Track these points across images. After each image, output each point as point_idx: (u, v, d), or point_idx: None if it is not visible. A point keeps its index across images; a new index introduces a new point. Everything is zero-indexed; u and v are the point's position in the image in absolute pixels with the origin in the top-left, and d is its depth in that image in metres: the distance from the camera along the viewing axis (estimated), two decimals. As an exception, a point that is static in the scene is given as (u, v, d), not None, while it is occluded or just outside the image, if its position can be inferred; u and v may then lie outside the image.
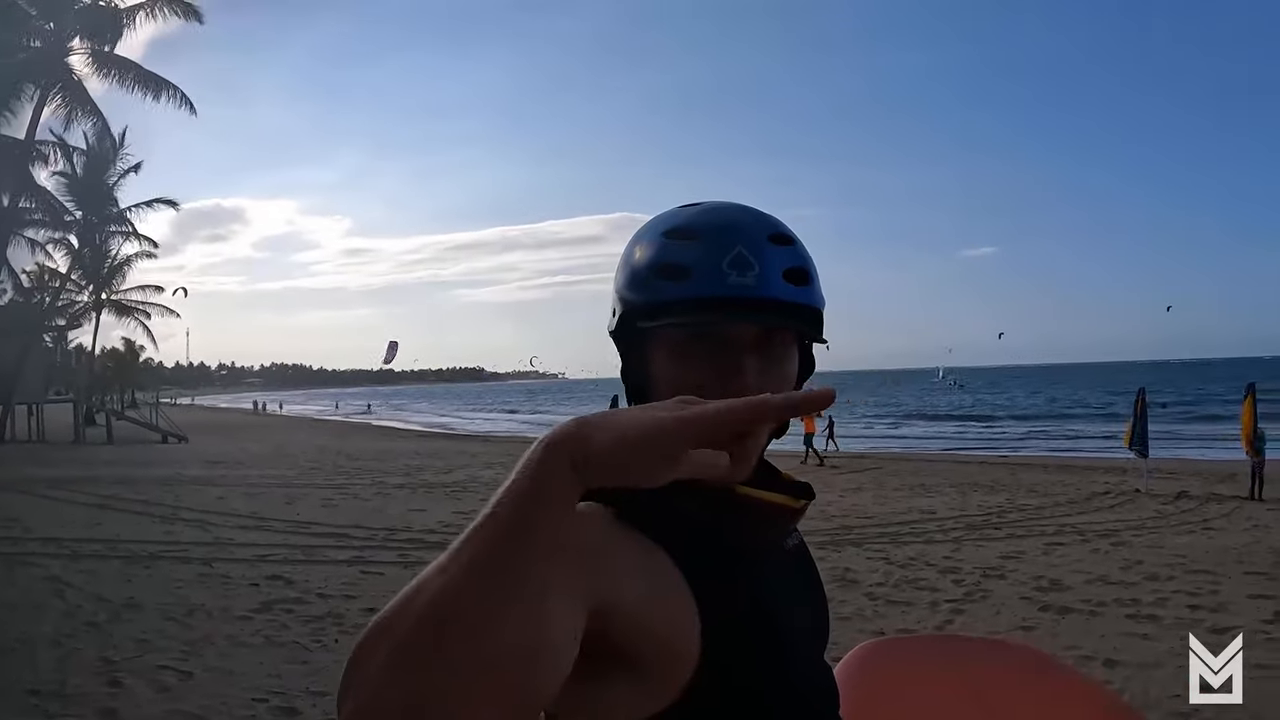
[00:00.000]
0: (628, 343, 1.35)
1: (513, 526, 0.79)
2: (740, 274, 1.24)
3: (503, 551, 0.79)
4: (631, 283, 1.31)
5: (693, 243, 1.27)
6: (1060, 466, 27.25)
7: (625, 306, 1.32)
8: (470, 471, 25.67)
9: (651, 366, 1.31)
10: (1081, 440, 45.18)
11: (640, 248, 1.33)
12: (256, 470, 25.57)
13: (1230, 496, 18.57)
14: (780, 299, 1.26)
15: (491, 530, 0.79)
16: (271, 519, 15.50)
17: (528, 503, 0.80)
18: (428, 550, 12.58)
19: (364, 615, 8.96)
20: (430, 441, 45.00)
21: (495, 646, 0.77)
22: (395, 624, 0.78)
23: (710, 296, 1.24)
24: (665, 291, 1.26)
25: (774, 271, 1.26)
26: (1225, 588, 10.31)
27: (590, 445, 0.81)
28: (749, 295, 1.24)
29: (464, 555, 0.79)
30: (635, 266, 1.32)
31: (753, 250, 1.26)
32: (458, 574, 0.78)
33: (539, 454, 0.81)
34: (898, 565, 11.76)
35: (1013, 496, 19.21)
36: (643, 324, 1.29)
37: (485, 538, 0.79)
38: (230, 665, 7.47)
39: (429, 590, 0.78)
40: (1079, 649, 8.06)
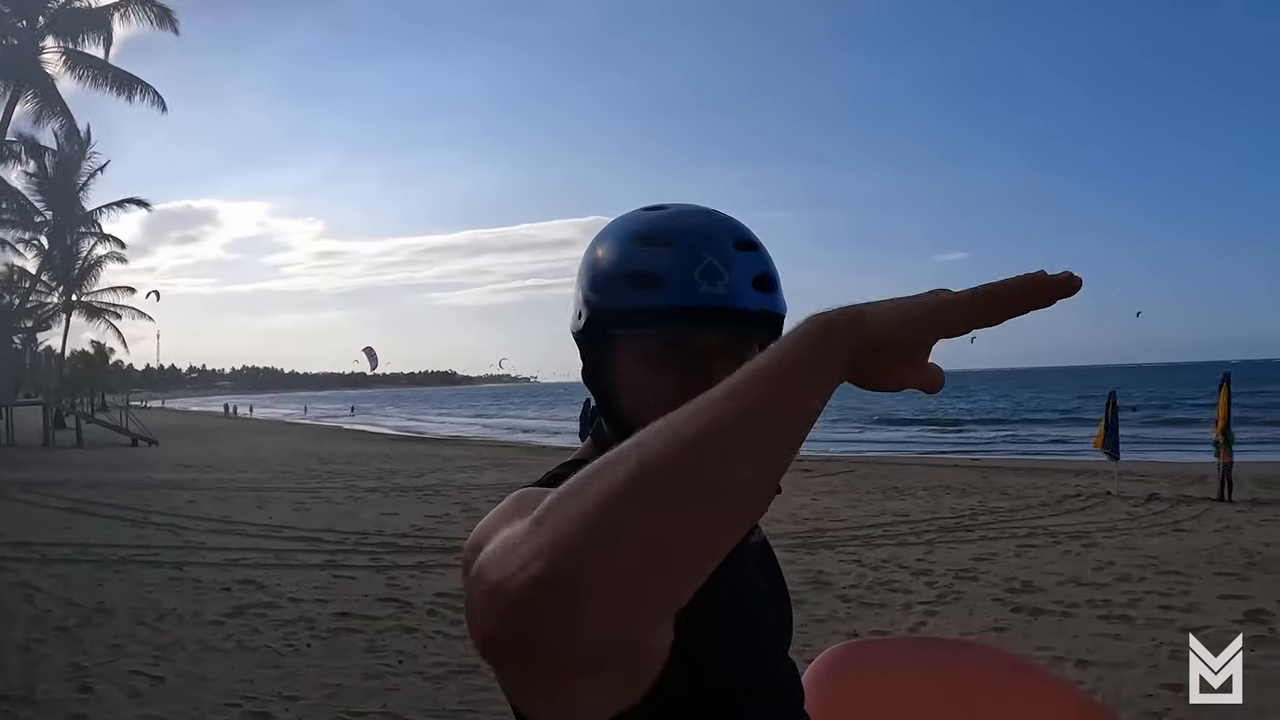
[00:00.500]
0: (592, 345, 1.37)
1: (788, 389, 0.78)
2: (711, 284, 1.27)
3: (777, 407, 0.77)
4: (601, 287, 1.33)
5: (664, 250, 1.29)
6: (1031, 469, 27.35)
7: (593, 310, 1.34)
8: (443, 475, 25.62)
9: (617, 371, 1.34)
10: (1052, 443, 45.46)
11: (607, 250, 1.35)
12: (228, 474, 25.46)
13: (1201, 498, 18.66)
14: (749, 309, 1.30)
15: (774, 381, 0.78)
16: (243, 523, 15.42)
17: (802, 373, 0.79)
18: (400, 554, 12.60)
19: (336, 619, 8.99)
20: (402, 445, 44.84)
21: (744, 489, 0.76)
22: (614, 466, 0.74)
23: (683, 306, 1.26)
24: (637, 300, 1.28)
25: (743, 280, 1.30)
26: (1196, 588, 10.37)
27: (867, 322, 0.80)
28: (720, 305, 1.27)
29: (721, 409, 0.77)
30: (604, 270, 1.33)
31: (722, 259, 1.29)
32: (714, 422, 0.75)
33: (814, 330, 0.80)
34: (870, 568, 11.79)
35: (985, 499, 19.26)
36: (614, 330, 1.32)
37: (765, 385, 0.78)
38: (202, 670, 7.43)
39: (666, 438, 0.75)
40: (1051, 650, 8.09)
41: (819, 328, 0.80)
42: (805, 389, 0.79)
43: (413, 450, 39.35)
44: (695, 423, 0.75)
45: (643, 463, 0.72)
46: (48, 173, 44.75)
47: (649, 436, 0.75)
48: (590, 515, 0.71)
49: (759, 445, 0.76)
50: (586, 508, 0.71)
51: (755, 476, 0.77)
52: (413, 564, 11.83)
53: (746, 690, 1.25)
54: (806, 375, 0.79)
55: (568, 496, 0.73)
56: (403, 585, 10.53)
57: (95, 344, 70.15)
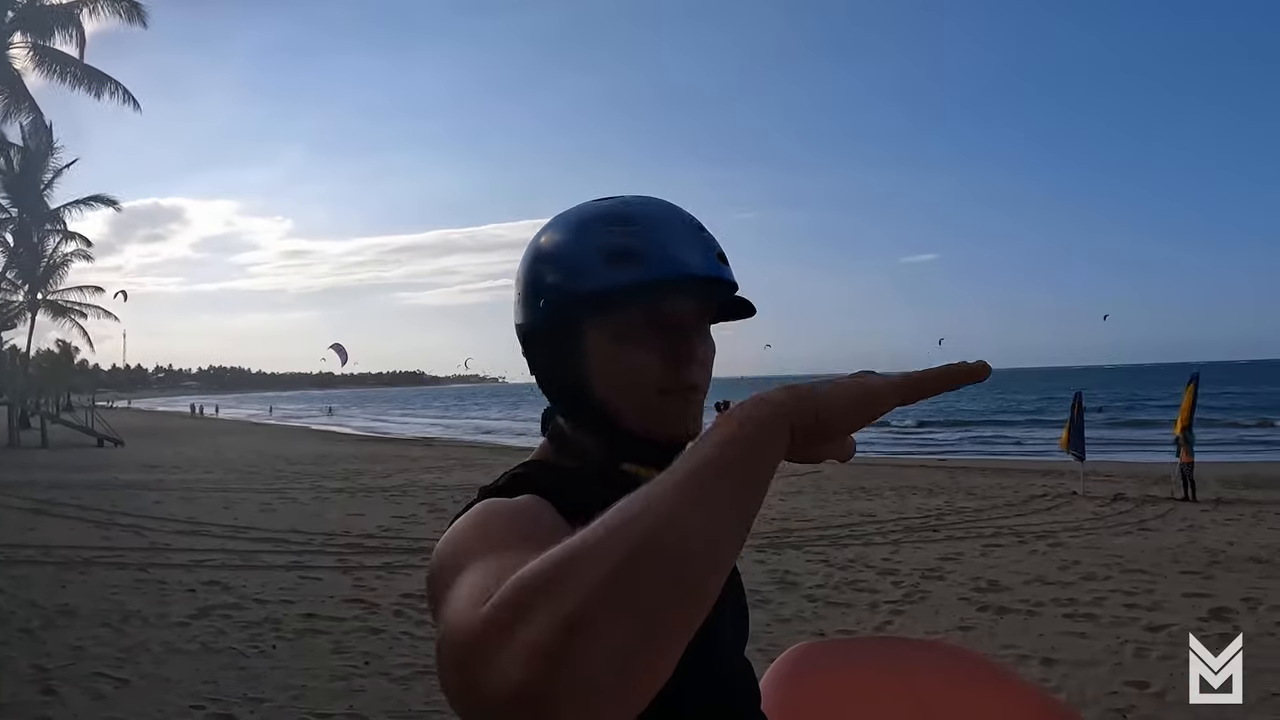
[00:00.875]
0: (557, 335, 1.36)
1: (745, 471, 0.84)
2: (688, 256, 1.32)
3: (734, 494, 0.82)
4: (573, 272, 1.32)
5: (637, 229, 1.32)
6: (998, 470, 27.47)
7: (564, 295, 1.33)
8: (409, 476, 25.55)
9: (589, 357, 1.33)
10: (1019, 444, 45.69)
11: (569, 237, 1.36)
12: (193, 475, 25.29)
13: (1165, 498, 18.79)
14: (723, 278, 1.35)
15: (720, 473, 0.82)
16: (208, 524, 15.30)
17: (757, 452, 0.85)
18: (366, 554, 12.55)
19: (302, 620, 8.93)
20: (369, 446, 44.67)
21: (710, 585, 0.78)
22: (589, 563, 0.74)
23: (669, 278, 1.30)
24: (621, 276, 1.29)
25: (710, 253, 1.35)
26: (1161, 587, 10.44)
27: (809, 410, 0.90)
28: (694, 274, 1.31)
29: (685, 495, 0.79)
30: (573, 255, 1.34)
31: (689, 235, 1.35)
32: (681, 510, 0.78)
33: (767, 414, 0.88)
34: (837, 567, 11.81)
35: (951, 499, 19.33)
36: (590, 312, 1.32)
37: (711, 478, 0.81)
38: (166, 672, 7.36)
39: (637, 528, 0.76)
40: (1017, 648, 8.14)
41: (771, 412, 0.88)
42: (767, 473, 0.86)
43: (380, 451, 39.24)
44: (677, 511, 0.78)
45: (634, 558, 0.74)
46: (14, 169, 44.42)
47: (627, 525, 0.76)
48: (574, 619, 0.71)
49: (740, 531, 0.83)
50: (569, 610, 0.71)
51: (732, 556, 0.82)
52: (379, 565, 11.77)
53: (699, 689, 1.23)
54: (767, 460, 0.86)
55: (546, 588, 0.74)
56: (369, 586, 10.48)
57: (61, 343, 69.82)
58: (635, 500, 0.79)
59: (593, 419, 1.36)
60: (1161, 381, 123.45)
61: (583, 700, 0.70)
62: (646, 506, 0.77)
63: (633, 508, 0.78)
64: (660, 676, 0.75)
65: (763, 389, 0.92)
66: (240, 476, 24.99)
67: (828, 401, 0.90)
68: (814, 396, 0.90)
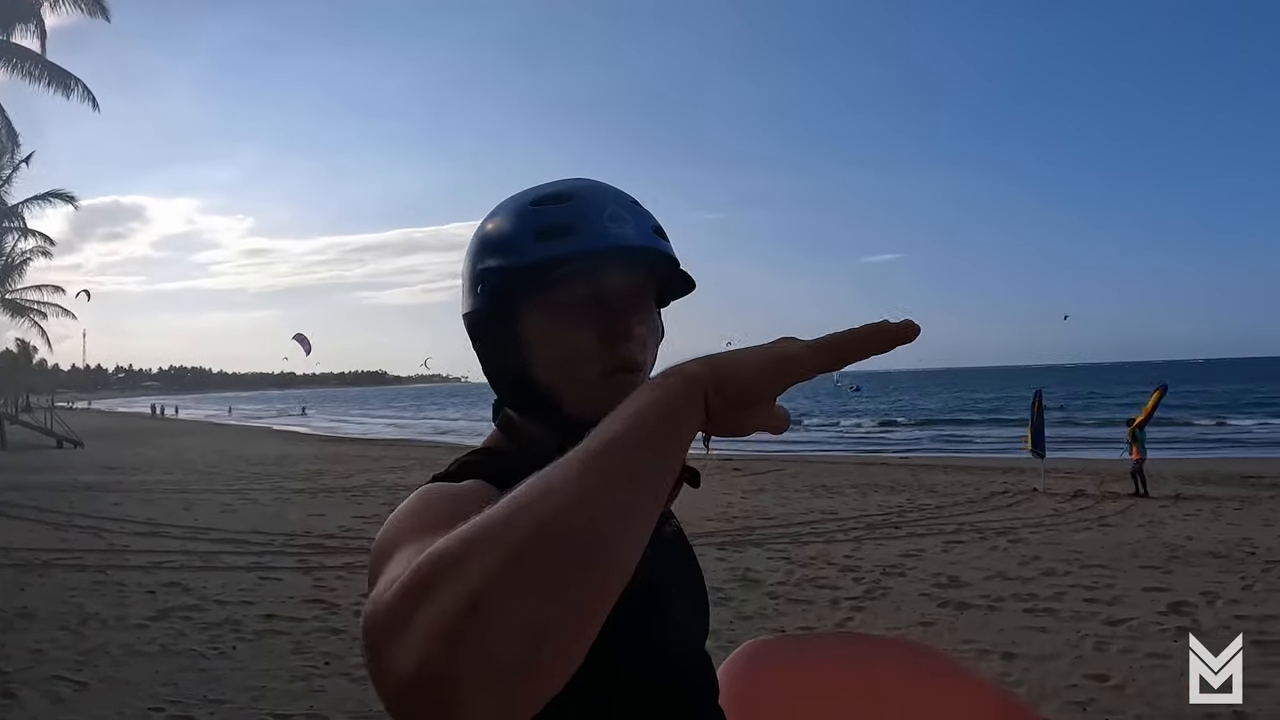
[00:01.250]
0: (496, 319, 1.34)
1: (657, 445, 0.82)
2: (620, 226, 1.30)
3: (646, 469, 0.80)
4: (505, 251, 1.32)
5: (567, 205, 1.31)
6: (959, 467, 27.59)
7: (498, 277, 1.32)
8: (371, 476, 25.45)
9: (528, 338, 1.32)
10: (980, 441, 45.95)
11: (502, 222, 1.35)
12: (153, 476, 25.13)
13: (1125, 495, 18.91)
14: (659, 249, 1.33)
15: (629, 446, 0.80)
16: (168, 525, 15.22)
17: (669, 425, 0.83)
18: (327, 555, 12.50)
19: (262, 621, 8.88)
20: (331, 446, 44.42)
21: (621, 565, 0.77)
22: (492, 544, 0.73)
23: (600, 248, 1.28)
24: (551, 250, 1.28)
25: (645, 226, 1.34)
26: (1120, 582, 10.51)
27: (724, 377, 0.86)
28: (634, 244, 1.30)
29: (593, 471, 0.78)
30: (505, 236, 1.33)
31: (623, 208, 1.33)
32: (590, 487, 0.76)
33: (679, 383, 0.85)
34: (799, 564, 11.83)
35: (913, 496, 19.41)
36: (526, 290, 1.30)
37: (620, 452, 0.79)
38: (125, 675, 7.31)
39: (545, 506, 0.75)
40: (977, 643, 8.18)
41: (685, 381, 0.85)
42: (682, 444, 0.84)
43: (341, 451, 39.04)
44: (585, 488, 0.76)
45: (539, 537, 0.73)
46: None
47: (534, 503, 0.75)
48: (477, 598, 0.70)
49: (652, 506, 0.81)
50: (472, 588, 0.71)
51: (645, 532, 0.80)
52: (340, 565, 11.72)
53: (655, 683, 1.24)
54: (682, 431, 0.84)
55: (452, 566, 0.73)
56: (329, 586, 10.43)
57: (20, 342, 68.99)
58: (544, 477, 0.77)
59: (537, 405, 1.34)
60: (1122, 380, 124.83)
61: (485, 680, 0.69)
62: (552, 485, 0.76)
63: (541, 485, 0.76)
64: (573, 659, 0.74)
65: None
66: (201, 477, 24.82)
67: (741, 368, 0.87)
68: (727, 364, 0.87)
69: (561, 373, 1.30)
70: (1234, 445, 39.34)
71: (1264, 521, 15.10)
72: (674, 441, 0.83)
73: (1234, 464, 27.29)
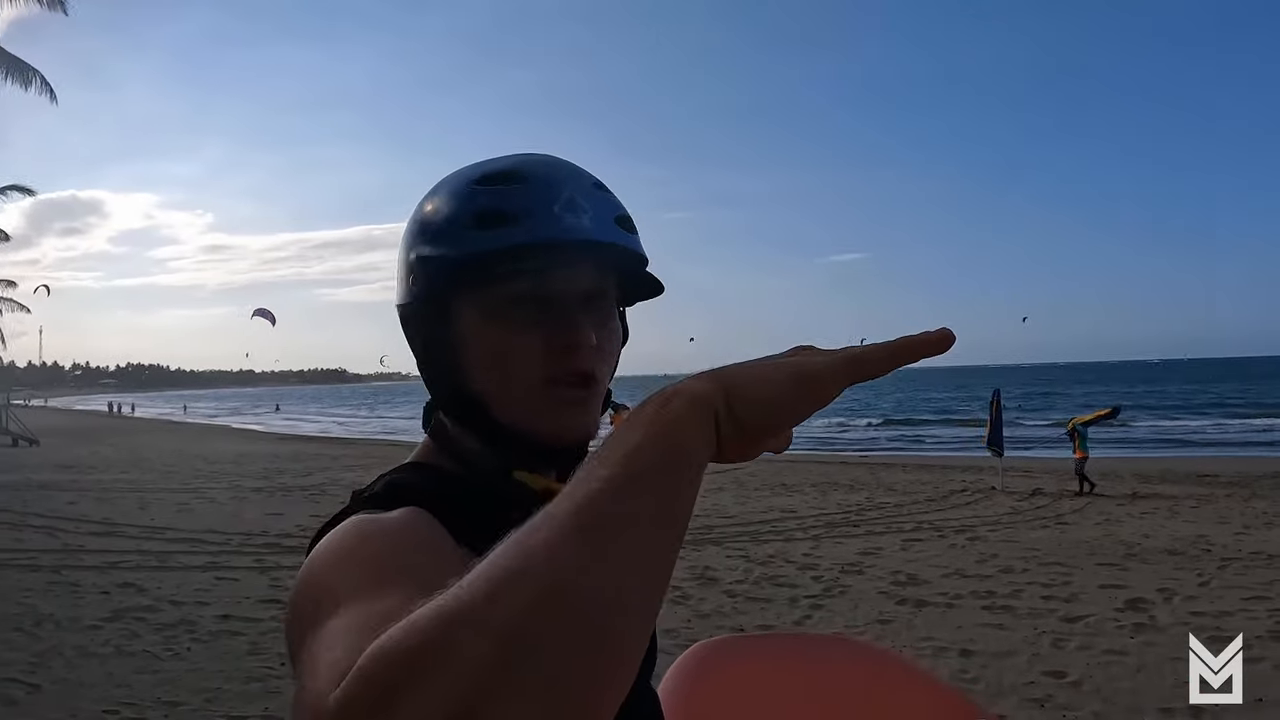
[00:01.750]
0: (428, 314, 1.19)
1: (663, 490, 0.67)
2: (575, 216, 1.12)
3: (650, 524, 0.65)
4: (439, 238, 1.15)
5: (516, 188, 1.13)
6: (918, 466, 27.72)
7: (430, 267, 1.16)
8: (330, 474, 25.34)
9: (461, 339, 1.16)
10: (933, 442, 46.24)
11: (439, 202, 1.18)
12: (110, 475, 24.87)
13: (1073, 494, 19.07)
14: (618, 243, 1.16)
15: (628, 497, 0.65)
16: (124, 524, 15.07)
17: (675, 463, 0.68)
18: (284, 554, 12.40)
19: (217, 622, 8.82)
20: (289, 445, 44.08)
21: (632, 649, 0.63)
22: (472, 636, 0.57)
23: (545, 241, 1.11)
24: (489, 241, 1.11)
25: (606, 216, 1.16)
26: (1078, 579, 10.58)
27: (738, 398, 0.73)
28: (586, 238, 1.13)
29: (589, 529, 0.62)
30: (441, 220, 1.16)
31: (583, 195, 1.15)
32: (583, 551, 0.61)
33: (683, 409, 0.70)
34: (757, 563, 11.84)
35: (872, 495, 19.47)
36: (459, 286, 1.14)
37: (617, 506, 0.64)
38: (80, 676, 7.24)
39: (529, 585, 0.59)
40: (936, 640, 8.21)
41: (690, 405, 0.71)
42: (693, 484, 0.70)
43: (299, 449, 38.80)
44: (579, 556, 0.61)
45: (527, 623, 0.58)
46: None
47: (517, 580, 0.60)
48: (457, 711, 0.56)
49: (664, 570, 0.67)
50: (450, 696, 0.56)
51: (656, 604, 0.67)
52: (297, 564, 11.27)
53: None
54: (692, 468, 0.70)
55: (418, 666, 0.57)
56: (286, 586, 10.28)
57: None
58: (525, 542, 0.62)
59: (471, 415, 1.18)
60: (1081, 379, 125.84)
61: None
62: (534, 552, 0.61)
63: (522, 552, 0.61)
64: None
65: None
66: (157, 476, 24.60)
67: (757, 386, 0.74)
68: (740, 381, 0.74)
69: (496, 380, 1.14)
70: (1186, 445, 39.73)
71: (1220, 519, 15.26)
72: (683, 483, 0.69)
73: (1190, 463, 27.53)
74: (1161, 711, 6.38)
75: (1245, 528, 14.33)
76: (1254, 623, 8.54)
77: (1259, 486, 19.96)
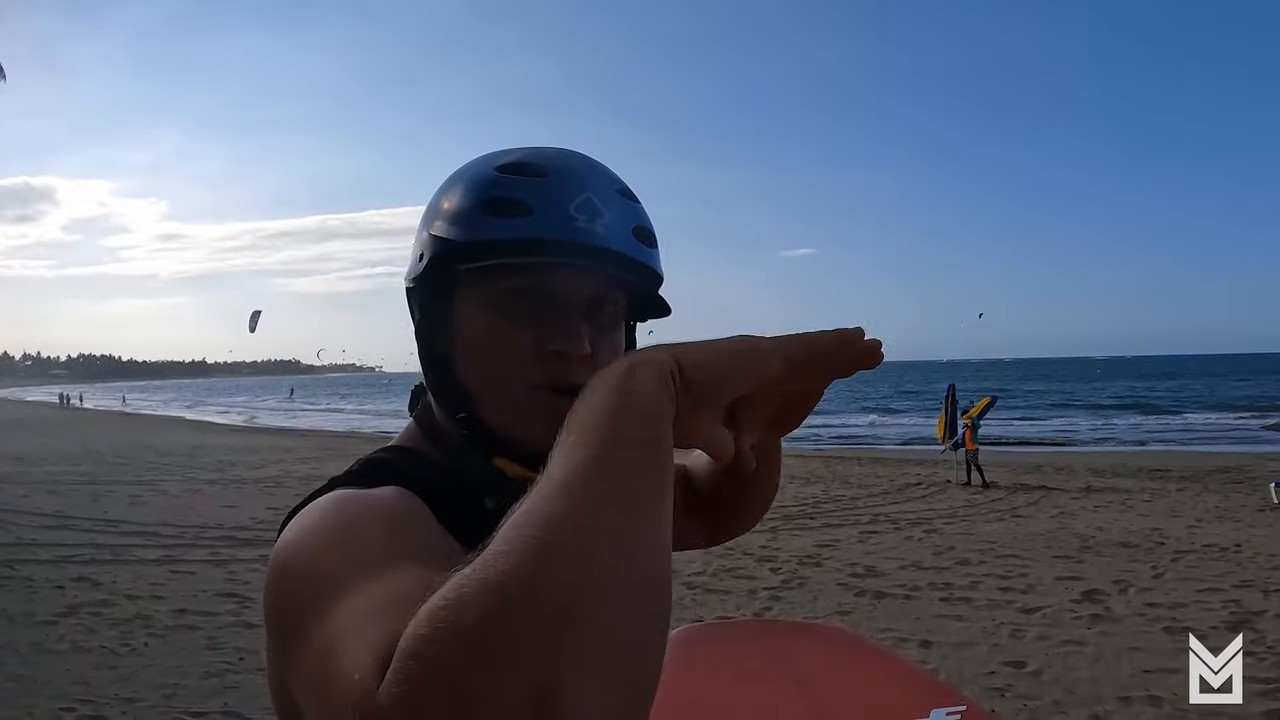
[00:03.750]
0: (433, 293, 1.17)
1: (653, 457, 0.69)
2: (589, 220, 1.10)
3: (658, 487, 0.68)
4: (453, 220, 1.13)
5: (535, 180, 1.11)
6: (873, 459, 27.89)
7: (439, 247, 1.14)
8: (284, 466, 25.13)
9: (459, 325, 1.15)
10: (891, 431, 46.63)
11: (462, 186, 1.15)
12: (61, 467, 24.52)
13: (1036, 486, 19.28)
14: (629, 255, 1.13)
15: (633, 462, 0.67)
16: (77, 518, 14.90)
17: (659, 428, 0.71)
18: (240, 547, 12.34)
19: (174, 616, 8.75)
20: (243, 436, 43.80)
21: (668, 613, 0.67)
22: (552, 608, 0.57)
23: (552, 240, 1.09)
24: (497, 229, 1.10)
25: (623, 225, 1.14)
26: (1034, 570, 10.71)
27: (691, 366, 0.76)
28: (595, 243, 1.10)
29: (609, 501, 0.64)
30: (457, 202, 1.14)
31: (602, 199, 1.13)
32: (616, 527, 0.63)
33: (652, 377, 0.74)
34: (716, 555, 11.80)
35: (828, 488, 19.56)
36: (462, 270, 1.13)
37: (628, 471, 0.66)
38: (34, 673, 7.16)
39: (588, 556, 0.60)
40: (895, 631, 8.29)
41: (656, 373, 0.74)
42: (670, 447, 0.73)
43: (253, 441, 38.50)
44: (608, 515, 0.63)
45: (580, 591, 0.59)
46: None
47: (562, 552, 0.60)
48: (541, 692, 0.56)
49: (665, 526, 0.69)
50: (541, 679, 0.56)
51: (668, 556, 0.70)
52: (254, 557, 11.54)
53: None
54: (669, 432, 0.73)
55: (491, 644, 0.56)
56: (243, 580, 10.28)
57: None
58: (547, 513, 0.62)
59: (454, 403, 1.16)
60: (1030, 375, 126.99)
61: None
62: (559, 523, 0.62)
63: (547, 523, 0.61)
64: (654, 692, 0.65)
65: None
66: (110, 468, 24.32)
67: (707, 355, 0.77)
68: (693, 352, 0.77)
69: (484, 375, 1.13)
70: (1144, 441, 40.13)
71: (1172, 513, 15.46)
72: (669, 449, 0.72)
73: (1142, 458, 27.89)
74: (1120, 700, 6.46)
75: (1198, 521, 14.52)
76: (1208, 614, 8.67)
77: (1210, 481, 20.19)
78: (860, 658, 3.15)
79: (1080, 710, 6.32)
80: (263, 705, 6.42)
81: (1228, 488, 19.04)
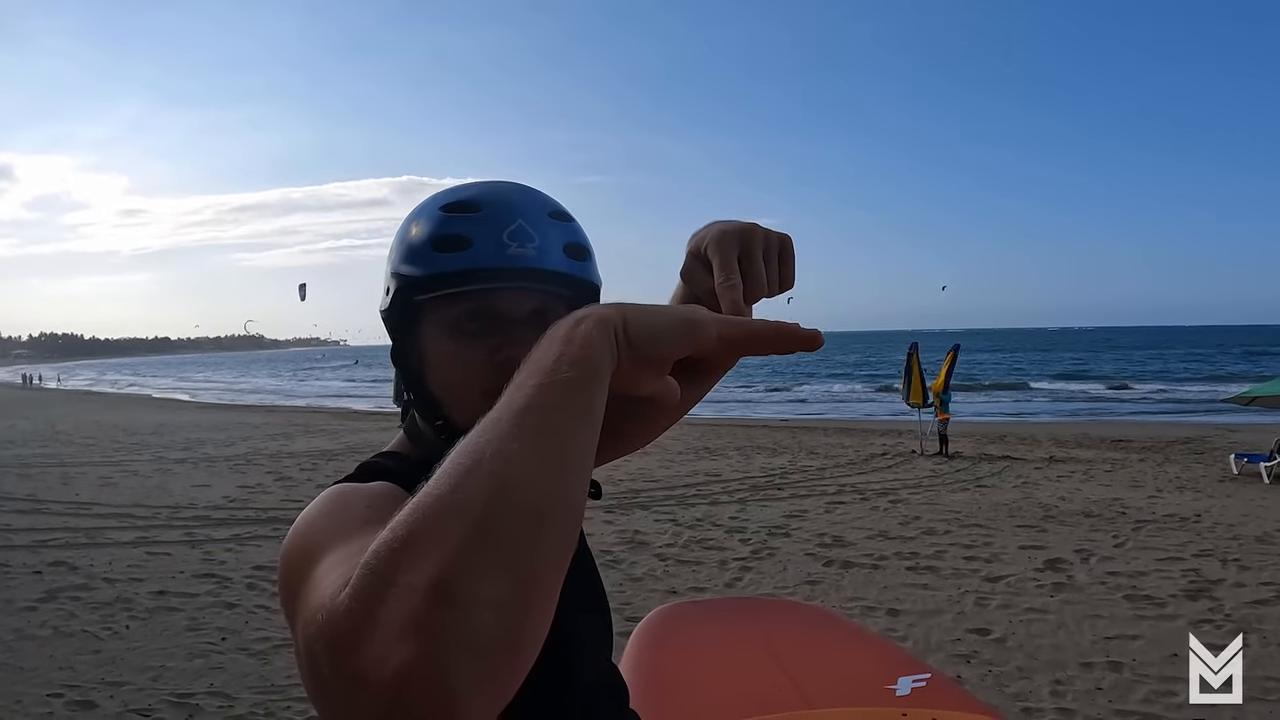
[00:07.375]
0: (400, 322, 1.34)
1: (577, 397, 0.79)
2: (521, 245, 1.28)
3: (576, 423, 0.78)
4: (408, 257, 1.31)
5: (473, 215, 1.29)
6: (840, 429, 28.07)
7: (401, 282, 1.31)
8: (253, 444, 25.07)
9: (424, 347, 1.32)
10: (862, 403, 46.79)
11: (417, 225, 1.33)
12: (29, 449, 24.29)
13: (1000, 456, 19.59)
14: (559, 271, 1.30)
15: (557, 400, 0.78)
16: (49, 501, 14.81)
17: (588, 373, 0.80)
18: (214, 526, 12.37)
19: (154, 598, 8.74)
20: (210, 414, 43.36)
21: (571, 524, 0.77)
22: (441, 525, 0.70)
23: (489, 267, 1.26)
24: (444, 263, 1.27)
25: (554, 245, 1.31)
26: (998, 540, 10.92)
27: (634, 323, 0.85)
28: (528, 265, 1.28)
29: (529, 428, 0.75)
30: (412, 242, 1.32)
31: (533, 224, 1.30)
32: (529, 453, 0.74)
33: (594, 329, 0.82)
34: (686, 526, 12.03)
35: (795, 459, 19.80)
36: (420, 300, 1.30)
37: (551, 408, 0.77)
38: (19, 661, 7.13)
39: (491, 475, 0.72)
40: (863, 600, 8.45)
41: (598, 324, 0.83)
42: (603, 394, 0.82)
43: (220, 418, 38.22)
44: (524, 448, 0.74)
45: (490, 505, 0.71)
46: None
47: (473, 474, 0.73)
48: (439, 582, 0.68)
49: (588, 457, 0.80)
50: (432, 573, 0.68)
51: (585, 484, 0.80)
52: (228, 537, 11.61)
53: (556, 702, 1.25)
54: (604, 378, 0.82)
55: (402, 555, 0.70)
56: (219, 560, 10.33)
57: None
58: (476, 444, 0.75)
59: (431, 411, 1.33)
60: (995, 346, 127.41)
61: (471, 666, 0.67)
62: (482, 451, 0.74)
63: (475, 451, 0.74)
64: (543, 629, 0.73)
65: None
66: (78, 449, 24.14)
67: (650, 316, 0.86)
68: (637, 310, 0.86)
69: (450, 390, 1.30)
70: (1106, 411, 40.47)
71: (1133, 483, 15.75)
72: (599, 390, 0.81)
73: (1104, 427, 28.21)
74: (1082, 665, 6.64)
75: (1158, 491, 14.82)
76: (1168, 582, 8.88)
77: (1171, 452, 20.55)
78: (832, 632, 3.29)
79: (1043, 675, 6.47)
80: (249, 686, 6.51)
81: (1189, 458, 19.38)
